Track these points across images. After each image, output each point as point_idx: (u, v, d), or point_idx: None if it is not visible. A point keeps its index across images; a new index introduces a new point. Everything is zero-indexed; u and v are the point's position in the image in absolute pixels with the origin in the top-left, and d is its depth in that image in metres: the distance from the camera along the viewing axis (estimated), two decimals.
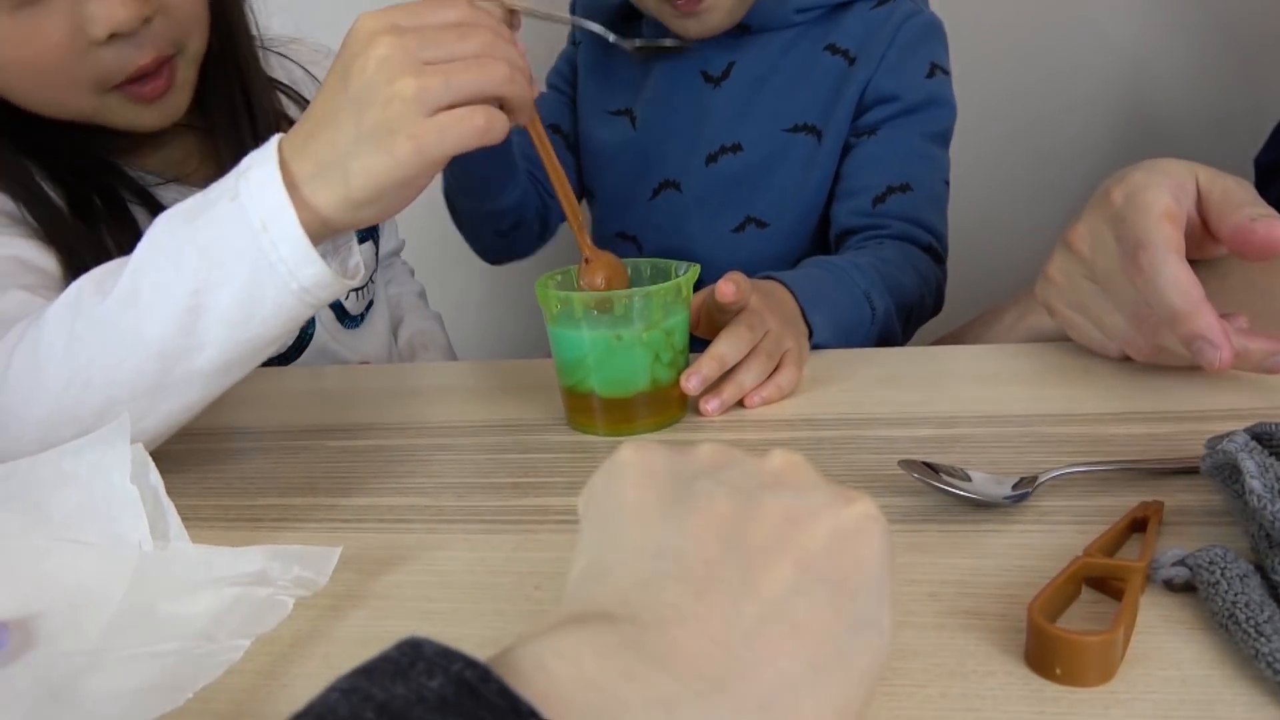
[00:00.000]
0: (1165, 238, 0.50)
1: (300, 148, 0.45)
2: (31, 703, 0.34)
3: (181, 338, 0.46)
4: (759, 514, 0.27)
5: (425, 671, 0.20)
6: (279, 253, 0.45)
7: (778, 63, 0.86)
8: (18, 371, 0.50)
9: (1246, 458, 0.36)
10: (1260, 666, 0.30)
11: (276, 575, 0.39)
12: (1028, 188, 1.28)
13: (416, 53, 0.44)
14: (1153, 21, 1.21)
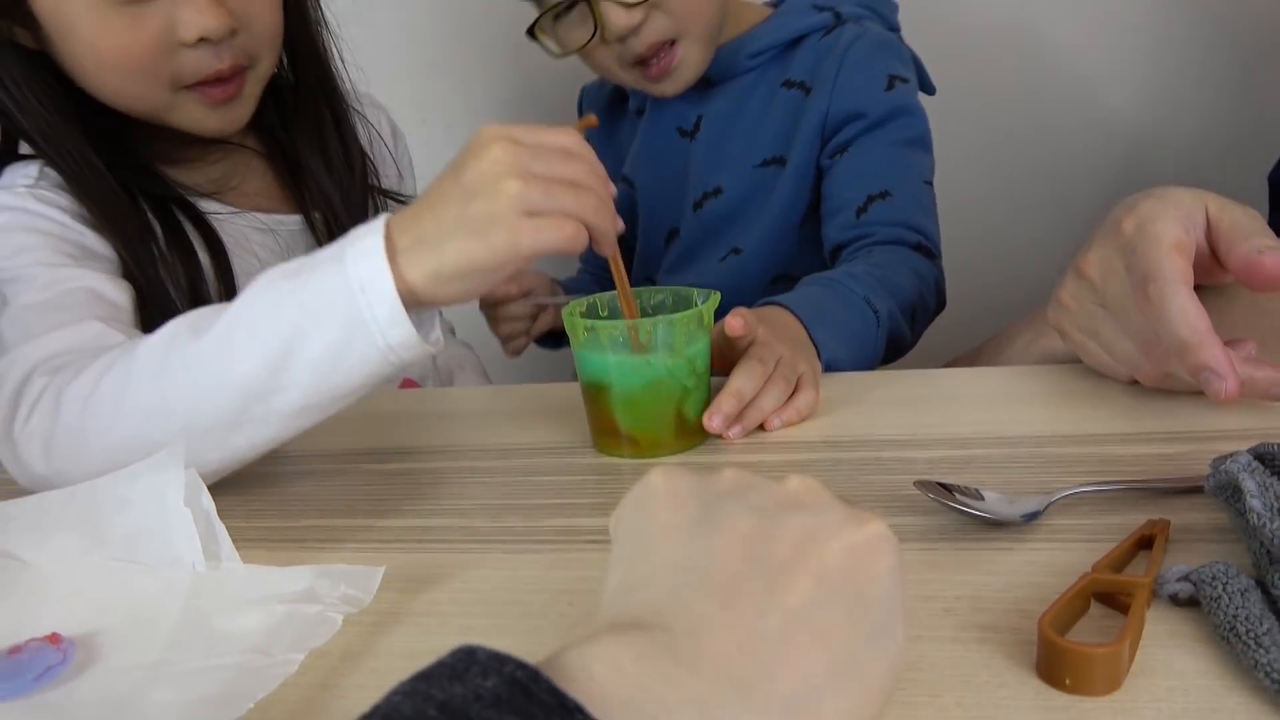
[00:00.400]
0: (1174, 270, 0.52)
1: (406, 224, 0.49)
2: (99, 714, 0.36)
3: (268, 379, 0.50)
4: (779, 533, 0.29)
5: (480, 673, 0.22)
6: (373, 312, 0.48)
7: (741, 107, 0.93)
8: (102, 396, 0.53)
9: (1248, 477, 0.38)
10: (1259, 676, 0.31)
11: (324, 593, 0.42)
12: (1036, 202, 1.30)
13: (526, 163, 0.48)
14: (1162, 41, 1.23)
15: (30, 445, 0.55)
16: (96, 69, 0.69)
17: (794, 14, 0.92)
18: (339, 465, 0.61)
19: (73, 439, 0.54)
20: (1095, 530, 0.43)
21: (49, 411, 0.55)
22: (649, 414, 0.57)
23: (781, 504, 0.31)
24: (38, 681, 0.38)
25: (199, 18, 0.67)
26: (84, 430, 0.53)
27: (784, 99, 0.91)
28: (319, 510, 0.54)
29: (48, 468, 0.55)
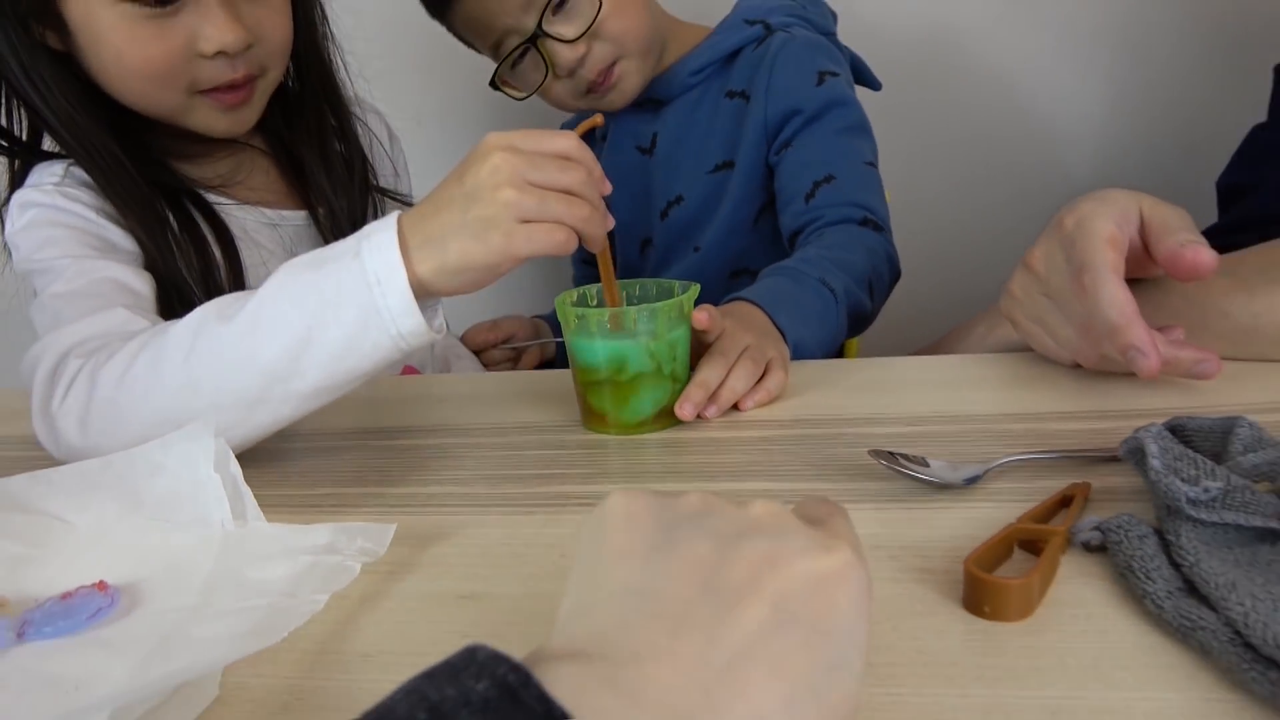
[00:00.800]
0: (1106, 261, 0.57)
1: (415, 224, 0.54)
2: (150, 645, 0.41)
3: (289, 362, 0.55)
4: (738, 556, 0.28)
5: (474, 675, 0.22)
6: (387, 302, 0.53)
7: (690, 121, 1.01)
8: (136, 375, 0.58)
9: (1151, 442, 0.43)
10: (1147, 603, 0.37)
11: (343, 546, 0.47)
12: (998, 202, 1.36)
13: (523, 172, 0.53)
14: (1122, 45, 1.29)
15: (67, 421, 0.60)
16: (121, 74, 0.74)
17: (728, 30, 1.01)
18: (349, 442, 0.66)
19: (107, 414, 0.59)
20: (1027, 492, 0.48)
21: (85, 389, 0.60)
22: (633, 394, 0.62)
23: (742, 529, 0.30)
24: (90, 620, 0.43)
25: (219, 33, 0.72)
26: (118, 405, 0.58)
27: (727, 109, 0.99)
28: (332, 480, 0.59)
29: (84, 441, 0.59)
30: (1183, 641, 0.35)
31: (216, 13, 0.72)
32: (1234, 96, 1.07)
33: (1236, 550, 0.39)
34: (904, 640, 0.37)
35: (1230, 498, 0.40)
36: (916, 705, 0.33)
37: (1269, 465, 0.43)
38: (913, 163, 1.09)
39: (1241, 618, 0.33)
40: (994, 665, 0.35)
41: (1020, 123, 1.33)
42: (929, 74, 1.28)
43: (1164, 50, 1.28)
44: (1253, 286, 0.61)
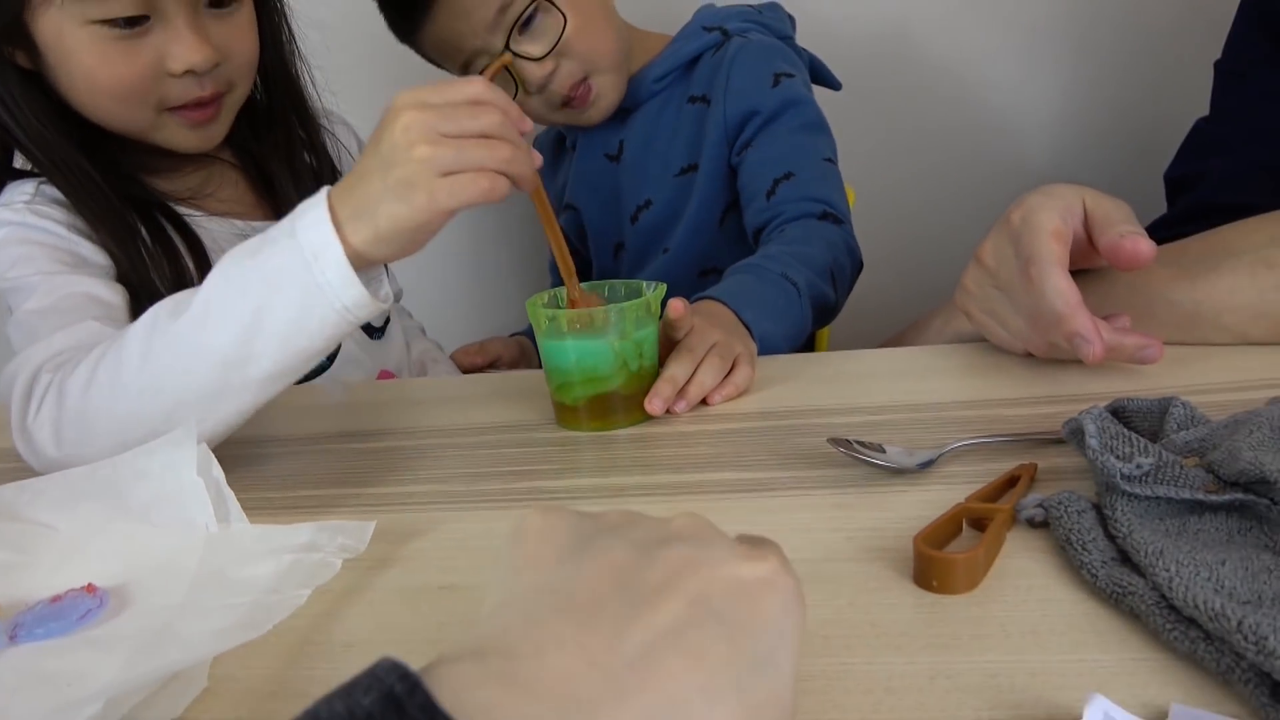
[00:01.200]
0: (1050, 253, 0.60)
1: (344, 196, 0.56)
2: (139, 642, 0.43)
3: (242, 349, 0.56)
4: (656, 561, 0.27)
5: (365, 689, 0.21)
6: (326, 277, 0.54)
7: (654, 127, 1.05)
8: (99, 382, 0.60)
9: (1090, 422, 0.46)
10: (1083, 573, 0.39)
11: (324, 544, 0.48)
12: (964, 208, 1.39)
13: (435, 125, 0.53)
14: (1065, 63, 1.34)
15: (42, 434, 0.62)
16: (90, 93, 0.75)
17: (688, 38, 1.04)
18: (326, 446, 0.68)
19: (78, 423, 0.60)
20: (978, 475, 0.51)
21: (55, 402, 0.61)
22: (603, 391, 0.64)
23: (663, 538, 0.29)
24: (80, 622, 0.45)
25: (187, 53, 0.74)
26: (86, 415, 0.60)
27: (689, 113, 1.02)
28: (311, 483, 0.61)
29: (59, 453, 0.61)
30: (1115, 607, 0.38)
31: (184, 33, 0.74)
32: (1179, 91, 1.10)
33: (1167, 521, 0.41)
34: (857, 614, 0.39)
35: (1161, 473, 0.43)
36: (867, 673, 0.36)
37: (1198, 441, 0.45)
38: (872, 161, 1.12)
39: (1166, 582, 0.36)
40: (940, 634, 0.37)
41: (975, 120, 1.37)
42: (886, 74, 1.31)
43: (1111, 47, 1.32)
44: (1194, 275, 0.64)
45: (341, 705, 0.20)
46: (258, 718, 0.37)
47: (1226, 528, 0.40)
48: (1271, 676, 0.31)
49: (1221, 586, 0.35)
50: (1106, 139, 1.35)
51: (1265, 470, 0.40)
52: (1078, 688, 0.33)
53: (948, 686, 0.34)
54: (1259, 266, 0.63)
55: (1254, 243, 0.63)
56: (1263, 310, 0.63)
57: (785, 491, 0.52)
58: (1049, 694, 0.33)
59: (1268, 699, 0.31)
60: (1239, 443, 0.43)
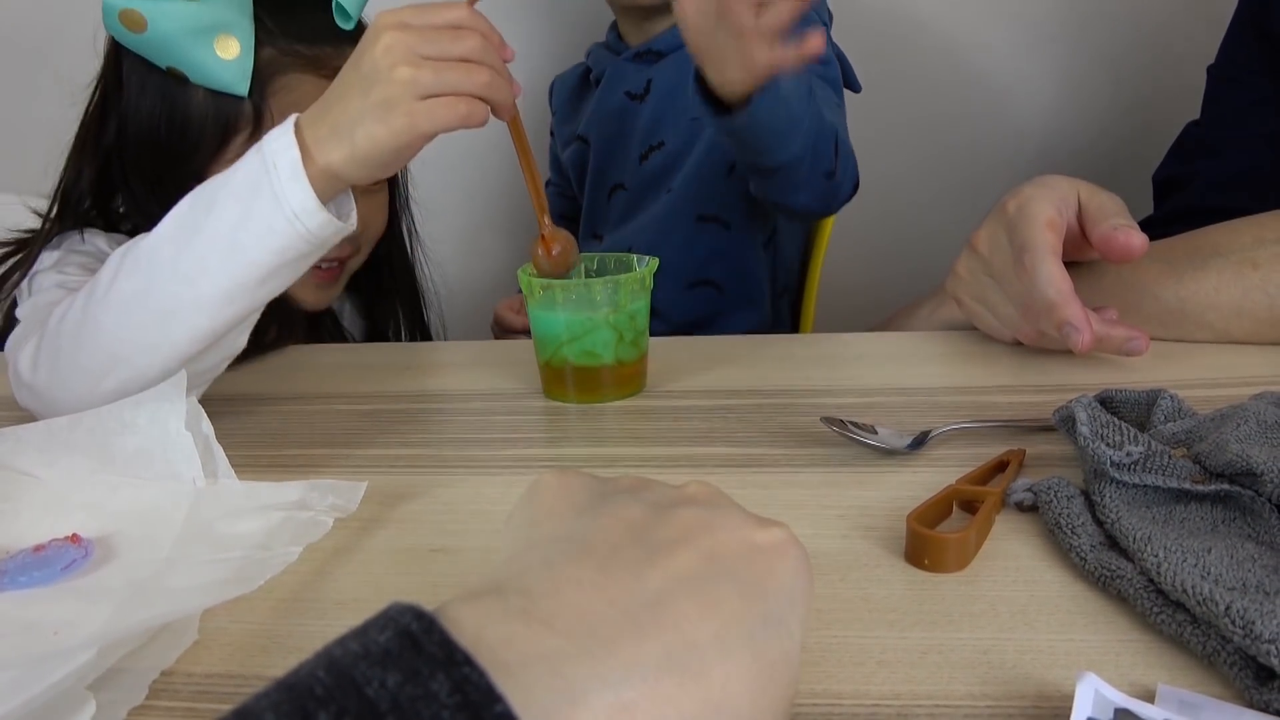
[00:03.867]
0: (1045, 242, 0.61)
1: (318, 116, 0.55)
2: (126, 594, 0.42)
3: (193, 260, 0.56)
4: (670, 519, 0.28)
5: (380, 628, 0.21)
6: (279, 176, 0.54)
7: (684, 75, 1.01)
8: (76, 304, 0.60)
9: (1080, 410, 0.46)
10: (1072, 556, 0.40)
11: (314, 502, 0.48)
12: (959, 204, 1.40)
13: (416, 47, 0.53)
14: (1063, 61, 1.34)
15: (23, 359, 0.62)
16: None
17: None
18: (313, 406, 0.67)
19: (51, 346, 0.60)
20: (967, 458, 0.51)
21: (40, 331, 0.62)
22: (593, 364, 0.64)
23: (676, 500, 0.29)
24: (64, 572, 0.44)
25: None
26: (59, 337, 0.60)
27: None
28: (299, 442, 0.60)
29: (33, 377, 0.61)
30: (1103, 590, 0.38)
31: None
32: (1172, 93, 1.11)
33: (1154, 509, 0.42)
34: (851, 589, 0.40)
35: (1150, 462, 0.43)
36: (860, 646, 0.36)
37: (1185, 433, 0.46)
38: (863, 151, 1.12)
39: (1154, 568, 0.36)
40: (932, 611, 0.38)
41: (969, 111, 1.37)
42: (880, 66, 1.30)
43: (1107, 46, 1.33)
44: (1180, 272, 0.65)
45: (357, 644, 0.20)
46: (249, 670, 0.37)
47: (1211, 517, 0.41)
48: (1256, 660, 0.32)
49: (1208, 573, 0.36)
50: (1099, 136, 1.36)
51: (1252, 463, 0.41)
52: (1066, 666, 0.34)
53: (939, 661, 0.35)
54: (1243, 267, 0.64)
55: (1239, 244, 0.64)
56: (1245, 309, 0.64)
57: (777, 468, 0.52)
58: (1038, 672, 0.34)
59: (1251, 681, 0.31)
60: (1226, 435, 0.44)
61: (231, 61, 0.73)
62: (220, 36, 0.73)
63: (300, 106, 0.76)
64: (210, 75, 0.73)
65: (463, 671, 0.20)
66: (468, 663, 0.20)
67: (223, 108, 0.75)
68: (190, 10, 0.71)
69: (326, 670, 0.19)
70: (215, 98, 0.75)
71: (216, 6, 0.72)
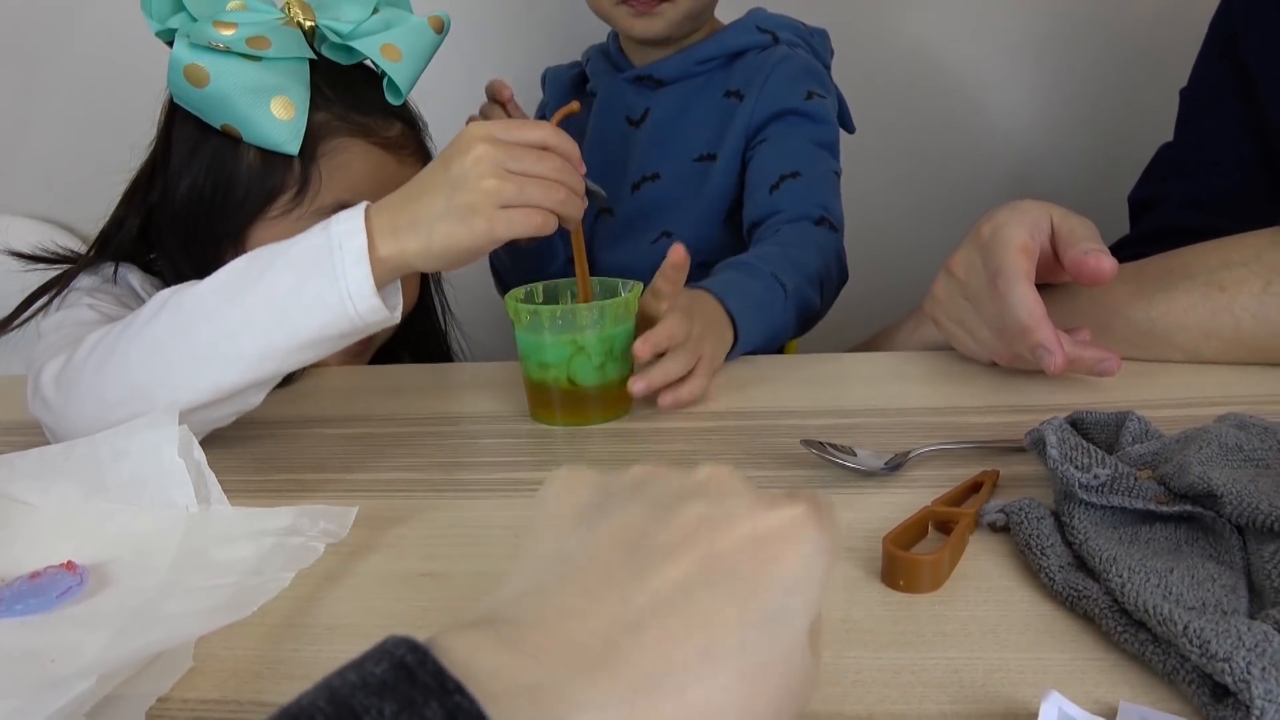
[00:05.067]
0: (1018, 267, 0.62)
1: (399, 206, 0.59)
2: (122, 620, 0.43)
3: (239, 313, 0.57)
4: (672, 520, 0.27)
5: (376, 660, 0.22)
6: (343, 257, 0.56)
7: (685, 107, 1.03)
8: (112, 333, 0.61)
9: (1051, 433, 0.48)
10: (1041, 577, 0.41)
11: (306, 528, 0.49)
12: (937, 225, 1.42)
13: (504, 162, 0.58)
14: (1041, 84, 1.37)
15: (47, 376, 0.63)
16: None
17: (740, 31, 1.04)
18: (302, 430, 0.68)
19: (77, 371, 0.61)
20: (943, 479, 0.53)
21: (69, 353, 0.63)
22: (580, 388, 0.65)
23: (683, 494, 0.29)
24: (60, 599, 0.45)
25: None
26: (86, 364, 0.61)
27: (723, 106, 1.02)
28: (289, 466, 0.61)
29: (55, 395, 0.62)
30: (1070, 609, 0.40)
31: None
32: (1147, 117, 1.14)
33: (1120, 529, 0.44)
34: (828, 610, 0.41)
35: (1116, 484, 0.45)
36: (835, 667, 0.37)
37: (1152, 455, 0.48)
38: (846, 176, 1.14)
39: (1119, 588, 0.38)
40: (906, 631, 0.39)
41: (946, 134, 1.40)
42: (859, 87, 1.32)
43: (1083, 72, 1.35)
44: (1150, 294, 0.67)
45: (355, 675, 0.21)
46: (243, 696, 0.38)
47: (1175, 538, 0.43)
48: (1213, 678, 0.33)
49: (1169, 593, 0.37)
50: (1075, 158, 1.39)
51: (1213, 485, 0.43)
52: (1034, 684, 0.35)
53: (911, 680, 0.36)
54: (1211, 289, 0.65)
55: (1207, 265, 0.66)
56: (1213, 330, 0.66)
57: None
58: (1007, 690, 0.35)
59: (1208, 699, 0.33)
60: (1189, 458, 0.45)
61: (286, 122, 0.75)
62: (277, 97, 0.75)
63: (348, 170, 0.80)
64: (264, 134, 0.75)
65: (455, 700, 0.21)
66: (459, 691, 0.21)
67: (271, 169, 0.78)
68: (252, 70, 0.73)
69: (327, 700, 0.21)
70: (264, 159, 0.77)
71: (276, 69, 0.75)
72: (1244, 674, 0.31)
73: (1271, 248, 0.65)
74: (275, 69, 0.74)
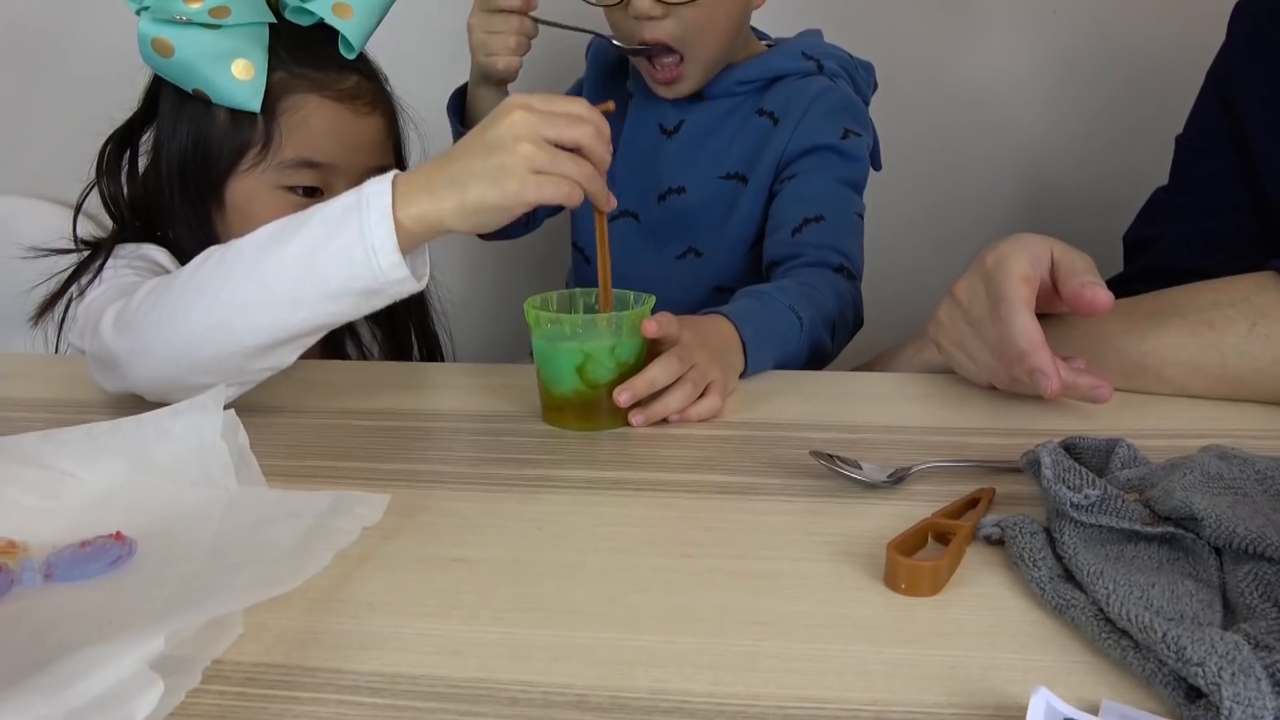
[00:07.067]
0: (1019, 295, 0.66)
1: (436, 169, 0.63)
2: (172, 589, 0.46)
3: (269, 264, 0.62)
4: None
5: None
6: (369, 214, 0.61)
7: (720, 124, 1.04)
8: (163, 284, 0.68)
9: (1045, 454, 0.51)
10: (1033, 586, 0.45)
11: (342, 512, 0.52)
12: (944, 243, 1.47)
13: (539, 128, 0.62)
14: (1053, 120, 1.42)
15: (106, 321, 0.69)
16: None
17: (784, 55, 1.04)
18: (331, 420, 0.71)
19: (136, 313, 0.67)
20: (942, 494, 0.56)
21: (125, 301, 0.69)
22: (594, 395, 0.68)
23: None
24: (111, 568, 0.48)
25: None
26: (143, 305, 0.67)
27: (756, 125, 1.02)
28: (321, 454, 0.64)
29: (117, 342, 0.67)
30: (1058, 616, 0.43)
31: None
32: (1145, 161, 1.18)
33: (1107, 547, 0.47)
34: (833, 608, 0.44)
35: (1106, 504, 0.48)
36: (841, 660, 0.40)
37: (1139, 480, 0.51)
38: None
39: (1104, 598, 0.41)
40: (906, 631, 0.42)
41: (957, 178, 1.45)
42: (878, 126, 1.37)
43: (1082, 116, 1.40)
44: (1142, 329, 0.70)
45: None
46: (291, 662, 0.41)
47: (1157, 556, 0.46)
48: (1187, 681, 0.36)
49: (1150, 605, 0.41)
50: (1071, 200, 1.43)
51: (1194, 509, 0.46)
52: (1024, 682, 0.38)
53: (911, 674, 0.39)
54: (1200, 327, 0.69)
55: (1197, 305, 0.70)
56: (1201, 365, 0.69)
57: (766, 496, 0.57)
58: (999, 686, 0.38)
59: (1183, 700, 0.36)
60: (1174, 483, 0.49)
61: (246, 82, 0.84)
62: (237, 60, 0.83)
63: (306, 124, 0.87)
64: (227, 94, 0.84)
65: None
66: None
67: (239, 127, 0.86)
68: (211, 37, 0.82)
69: None
70: (233, 117, 0.86)
71: (235, 34, 0.83)
72: (1215, 678, 0.35)
73: (1259, 291, 0.68)
74: (234, 34, 0.82)
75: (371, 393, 0.78)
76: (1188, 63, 0.97)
